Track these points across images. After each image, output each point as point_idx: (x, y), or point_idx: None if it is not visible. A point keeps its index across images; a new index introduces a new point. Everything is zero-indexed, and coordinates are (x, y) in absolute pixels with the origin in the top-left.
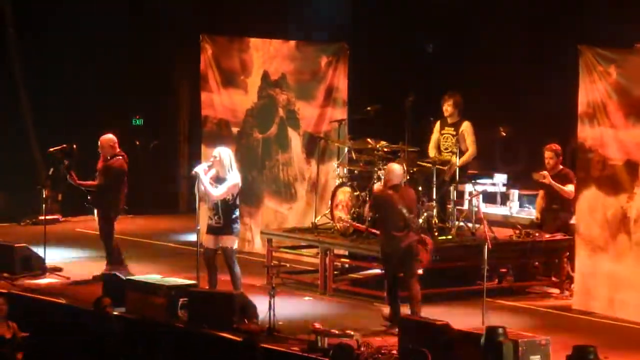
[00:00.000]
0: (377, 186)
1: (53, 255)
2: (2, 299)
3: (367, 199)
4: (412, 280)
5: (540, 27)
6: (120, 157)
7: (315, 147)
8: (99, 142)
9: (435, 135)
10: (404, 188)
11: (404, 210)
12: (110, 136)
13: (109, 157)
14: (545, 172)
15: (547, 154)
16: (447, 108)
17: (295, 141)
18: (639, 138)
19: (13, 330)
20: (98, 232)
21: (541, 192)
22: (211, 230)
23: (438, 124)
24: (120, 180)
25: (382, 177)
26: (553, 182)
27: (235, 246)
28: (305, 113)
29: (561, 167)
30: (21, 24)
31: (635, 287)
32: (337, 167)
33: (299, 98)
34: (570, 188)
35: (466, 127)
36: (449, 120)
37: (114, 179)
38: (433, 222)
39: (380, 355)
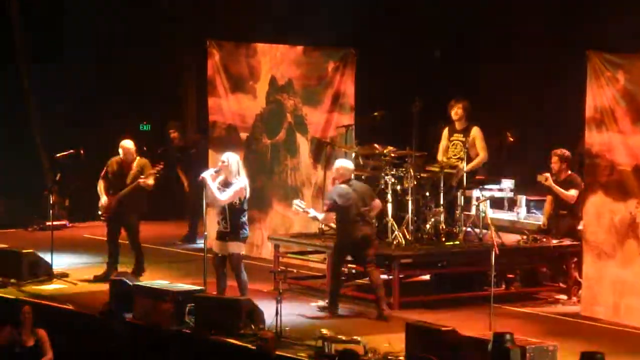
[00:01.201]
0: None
1: (60, 261)
2: (27, 307)
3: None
4: (371, 268)
5: (548, 33)
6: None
7: (322, 152)
8: (126, 149)
9: (444, 142)
10: (356, 182)
11: (359, 203)
12: (131, 142)
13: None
14: (547, 174)
15: (553, 159)
16: (457, 111)
17: (304, 146)
18: None
19: (36, 339)
20: (114, 243)
21: (549, 198)
22: (219, 235)
23: (446, 130)
24: None
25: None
26: (553, 184)
27: (243, 252)
28: (312, 118)
29: (569, 172)
30: (29, 29)
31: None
32: None
33: (305, 103)
34: (572, 192)
35: (476, 132)
36: (458, 126)
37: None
38: (440, 227)
39: None
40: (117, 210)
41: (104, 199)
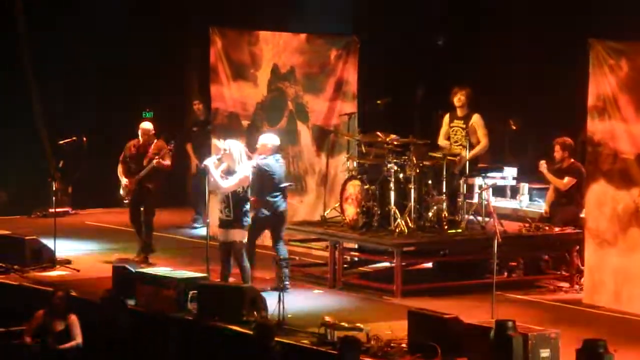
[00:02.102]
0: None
1: (63, 248)
2: (60, 293)
3: (376, 192)
4: (281, 243)
5: (551, 20)
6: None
7: (325, 140)
8: (145, 130)
9: (444, 128)
10: (281, 158)
11: (282, 179)
12: (149, 123)
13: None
14: (543, 162)
15: (555, 147)
16: (461, 97)
17: (305, 134)
18: None
19: (66, 324)
20: (138, 222)
21: (552, 186)
22: (222, 223)
23: (447, 116)
24: None
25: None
26: (546, 171)
27: (245, 240)
28: (314, 106)
29: (572, 160)
30: (31, 16)
31: None
32: (347, 160)
33: (307, 91)
34: (565, 180)
35: (476, 119)
36: (459, 113)
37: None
38: (443, 215)
39: (389, 349)
40: (137, 191)
41: (124, 182)
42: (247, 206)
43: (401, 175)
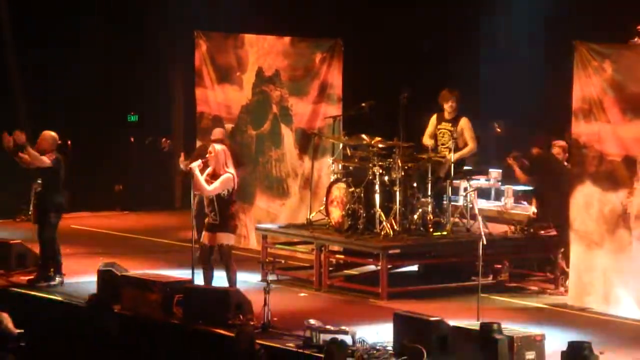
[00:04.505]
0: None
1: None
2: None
3: (362, 195)
4: None
5: (535, 22)
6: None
7: (308, 143)
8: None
9: (430, 128)
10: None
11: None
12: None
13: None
14: (513, 155)
15: (555, 150)
16: (452, 104)
17: (288, 137)
18: (636, 133)
19: None
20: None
21: None
22: (209, 227)
23: (435, 117)
24: None
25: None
26: (516, 167)
27: (232, 243)
28: (298, 109)
29: (565, 163)
30: (16, 20)
31: (630, 283)
32: (332, 163)
33: (292, 94)
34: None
35: (464, 123)
36: (447, 116)
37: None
38: (428, 218)
39: (375, 352)
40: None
41: None
42: (234, 209)
43: (386, 178)
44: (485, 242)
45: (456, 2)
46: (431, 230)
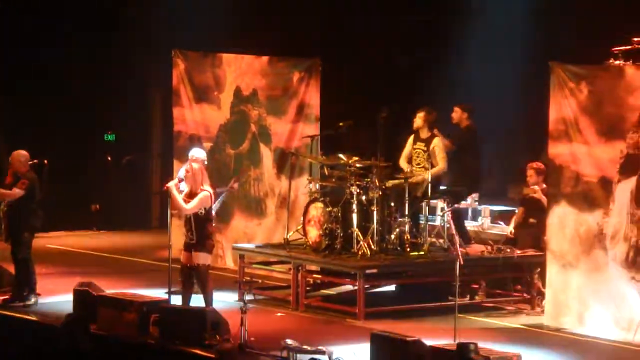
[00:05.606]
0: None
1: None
2: None
3: (339, 214)
4: None
5: (514, 44)
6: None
7: (286, 162)
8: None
9: (407, 149)
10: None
11: None
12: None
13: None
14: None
15: (529, 172)
16: (417, 121)
17: (267, 157)
18: (612, 154)
19: None
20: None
21: (521, 209)
22: (186, 247)
23: (412, 137)
24: None
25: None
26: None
27: (209, 262)
28: (276, 129)
29: (544, 185)
30: None
31: (606, 304)
32: (309, 182)
33: (270, 114)
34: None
35: (436, 142)
36: (421, 135)
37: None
38: (405, 237)
39: None
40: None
41: None
42: (210, 228)
43: (364, 198)
44: (462, 262)
45: (433, 20)
46: (408, 250)
